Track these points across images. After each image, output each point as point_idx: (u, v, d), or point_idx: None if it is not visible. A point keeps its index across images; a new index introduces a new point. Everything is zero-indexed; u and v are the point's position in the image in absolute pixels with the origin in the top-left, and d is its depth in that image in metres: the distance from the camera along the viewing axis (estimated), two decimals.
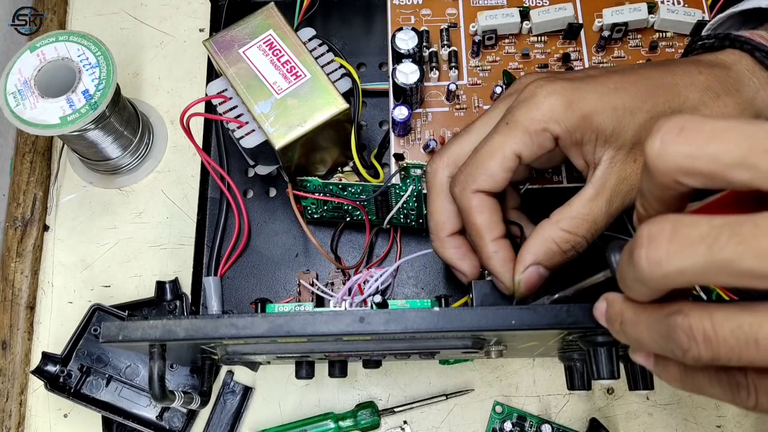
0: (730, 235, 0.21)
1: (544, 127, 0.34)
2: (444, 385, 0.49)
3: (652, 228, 0.23)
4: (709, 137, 0.22)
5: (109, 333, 0.34)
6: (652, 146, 0.23)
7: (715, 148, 0.22)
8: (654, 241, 0.23)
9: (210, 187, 0.53)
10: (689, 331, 0.23)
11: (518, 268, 0.35)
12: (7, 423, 0.49)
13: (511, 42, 0.50)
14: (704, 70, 0.35)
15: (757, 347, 0.22)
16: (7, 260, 0.53)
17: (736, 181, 0.22)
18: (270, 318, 0.33)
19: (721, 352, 0.23)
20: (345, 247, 0.51)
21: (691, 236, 0.22)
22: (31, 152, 0.55)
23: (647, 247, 0.23)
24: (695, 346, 0.23)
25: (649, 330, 0.26)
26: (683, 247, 0.22)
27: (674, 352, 0.24)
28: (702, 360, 0.23)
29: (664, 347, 0.25)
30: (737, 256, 0.21)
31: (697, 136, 0.22)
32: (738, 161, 0.21)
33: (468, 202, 0.35)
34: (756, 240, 0.21)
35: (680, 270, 0.22)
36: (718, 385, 0.25)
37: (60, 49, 0.48)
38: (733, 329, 0.22)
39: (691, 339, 0.23)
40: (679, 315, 0.24)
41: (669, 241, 0.22)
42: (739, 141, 0.22)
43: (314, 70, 0.44)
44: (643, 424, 0.48)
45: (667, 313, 0.24)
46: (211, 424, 0.48)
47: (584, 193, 0.34)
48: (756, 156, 0.21)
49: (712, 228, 0.21)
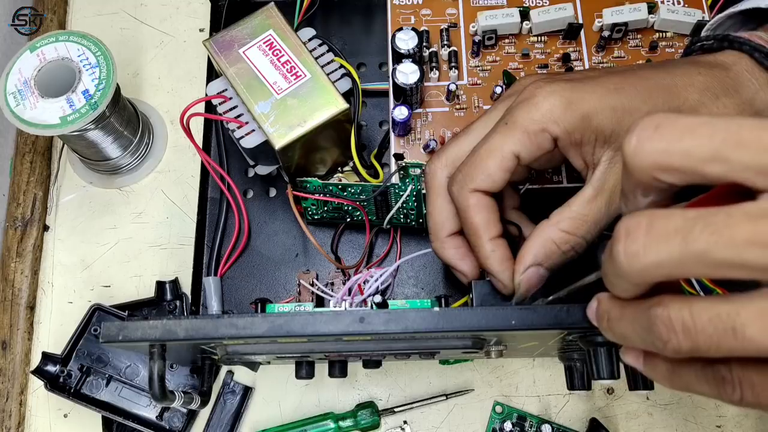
0: (704, 226, 0.21)
1: (543, 127, 0.34)
2: (444, 385, 0.49)
3: (629, 222, 0.23)
4: (682, 132, 0.22)
5: (109, 333, 0.34)
6: (629, 144, 0.24)
7: (687, 143, 0.22)
8: (631, 235, 0.23)
9: (210, 187, 0.53)
10: (668, 322, 0.23)
11: (518, 269, 0.35)
12: (7, 423, 0.49)
13: (511, 42, 0.50)
14: (703, 71, 0.35)
15: (734, 335, 0.22)
16: (7, 260, 0.53)
17: (710, 175, 0.22)
18: (270, 318, 0.33)
19: (700, 341, 0.23)
20: (345, 247, 0.51)
21: (666, 229, 0.22)
22: (31, 152, 0.55)
23: (624, 241, 0.23)
24: (674, 336, 0.23)
25: (633, 324, 0.26)
26: (658, 239, 0.22)
27: (655, 344, 0.24)
28: (682, 351, 0.23)
29: (647, 340, 0.25)
30: (710, 246, 0.21)
31: (672, 132, 0.23)
32: (710, 155, 0.22)
33: (466, 201, 0.36)
34: (728, 230, 0.21)
35: (656, 263, 0.22)
36: (705, 380, 0.25)
37: (60, 49, 0.48)
38: (711, 318, 0.22)
39: (670, 330, 0.23)
40: (659, 307, 0.24)
41: (645, 235, 0.22)
42: (711, 135, 0.22)
43: (314, 70, 0.44)
44: (643, 424, 0.48)
45: (648, 306, 0.25)
46: (211, 424, 0.48)
47: (584, 194, 0.34)
48: (728, 149, 0.21)
49: (686, 220, 0.22)
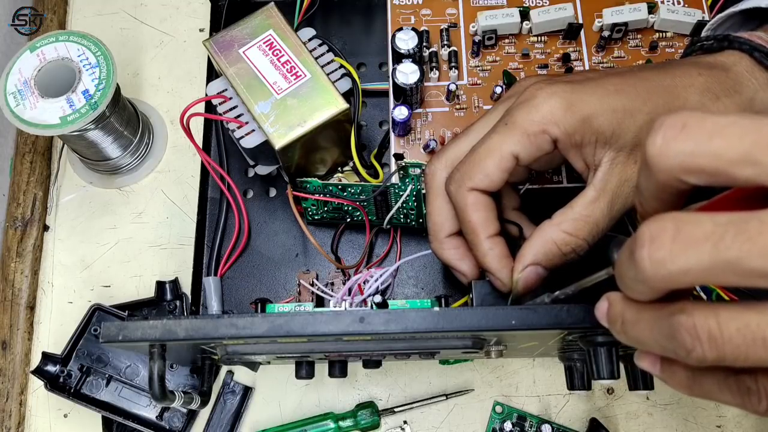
0: (736, 233, 0.20)
1: (543, 129, 0.34)
2: (444, 385, 0.49)
3: (653, 227, 0.22)
4: (712, 133, 0.22)
5: (109, 333, 0.34)
6: (654, 143, 0.23)
7: (718, 145, 0.21)
8: (656, 241, 0.22)
9: (210, 187, 0.53)
10: (693, 331, 0.23)
11: (517, 267, 0.35)
12: (7, 423, 0.49)
13: (511, 42, 0.50)
14: (704, 72, 0.35)
15: (764, 346, 0.21)
16: (7, 260, 0.53)
17: (741, 177, 0.21)
18: (270, 318, 0.33)
19: (726, 351, 0.22)
20: (345, 247, 0.51)
21: (694, 235, 0.21)
22: (31, 152, 0.55)
23: (649, 246, 0.22)
24: (699, 345, 0.23)
25: (651, 330, 0.25)
26: (687, 246, 0.21)
27: (677, 352, 0.24)
28: (706, 360, 0.23)
29: (667, 348, 0.24)
30: (744, 254, 0.20)
31: (700, 133, 0.22)
32: (742, 157, 0.21)
33: (464, 199, 0.35)
34: (762, 237, 0.20)
35: (684, 270, 0.21)
36: (728, 390, 0.25)
37: (60, 49, 0.48)
38: (739, 328, 0.22)
39: (695, 339, 0.23)
40: (682, 314, 0.23)
41: (672, 241, 0.22)
42: (742, 136, 0.21)
43: (314, 70, 0.44)
44: (643, 424, 0.48)
45: (670, 312, 0.24)
46: (211, 424, 0.48)
47: (585, 195, 0.34)
48: (760, 151, 0.21)
49: (717, 226, 0.21)
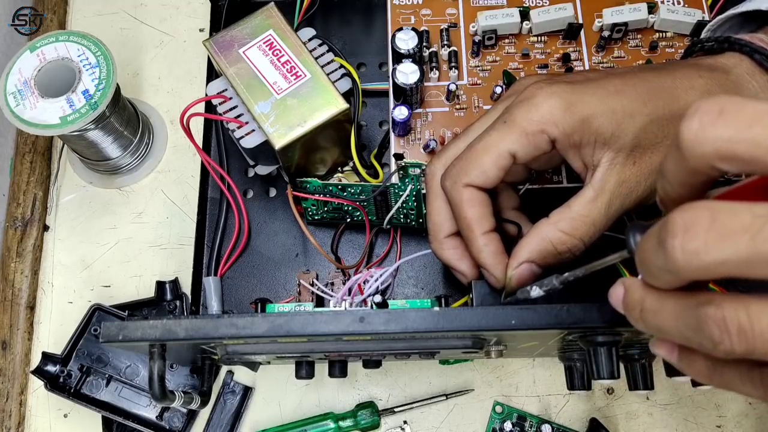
0: None
1: (542, 128, 0.34)
2: (444, 385, 0.49)
3: (686, 216, 0.22)
4: (752, 120, 0.21)
5: (109, 333, 0.34)
6: (689, 128, 0.22)
7: (757, 132, 0.21)
8: (690, 231, 0.21)
9: (210, 187, 0.53)
10: (722, 323, 0.22)
11: (512, 263, 0.35)
12: (7, 423, 0.49)
13: (511, 42, 0.50)
14: (704, 74, 0.35)
15: None
16: (7, 260, 0.53)
17: None
18: (270, 318, 0.33)
19: (757, 345, 0.22)
20: (345, 247, 0.51)
21: (731, 226, 0.21)
22: (31, 152, 0.55)
23: (683, 236, 0.21)
24: (728, 338, 0.22)
25: (676, 320, 0.24)
26: (724, 237, 0.21)
27: (703, 344, 0.23)
28: (735, 354, 0.22)
29: (691, 338, 0.24)
30: None
31: (739, 119, 0.21)
32: None
33: (459, 195, 0.35)
34: None
35: (720, 261, 0.21)
36: (750, 382, 0.24)
37: (60, 49, 0.48)
38: None
39: (723, 331, 0.22)
40: (711, 306, 0.22)
41: (707, 231, 0.21)
42: None
43: (314, 70, 0.44)
44: (643, 424, 0.48)
45: (697, 303, 0.23)
46: (211, 424, 0.48)
47: (584, 195, 0.34)
48: None
49: (756, 217, 0.20)
